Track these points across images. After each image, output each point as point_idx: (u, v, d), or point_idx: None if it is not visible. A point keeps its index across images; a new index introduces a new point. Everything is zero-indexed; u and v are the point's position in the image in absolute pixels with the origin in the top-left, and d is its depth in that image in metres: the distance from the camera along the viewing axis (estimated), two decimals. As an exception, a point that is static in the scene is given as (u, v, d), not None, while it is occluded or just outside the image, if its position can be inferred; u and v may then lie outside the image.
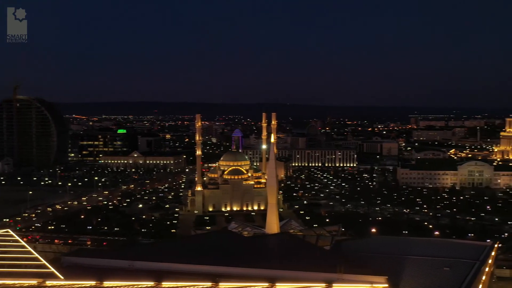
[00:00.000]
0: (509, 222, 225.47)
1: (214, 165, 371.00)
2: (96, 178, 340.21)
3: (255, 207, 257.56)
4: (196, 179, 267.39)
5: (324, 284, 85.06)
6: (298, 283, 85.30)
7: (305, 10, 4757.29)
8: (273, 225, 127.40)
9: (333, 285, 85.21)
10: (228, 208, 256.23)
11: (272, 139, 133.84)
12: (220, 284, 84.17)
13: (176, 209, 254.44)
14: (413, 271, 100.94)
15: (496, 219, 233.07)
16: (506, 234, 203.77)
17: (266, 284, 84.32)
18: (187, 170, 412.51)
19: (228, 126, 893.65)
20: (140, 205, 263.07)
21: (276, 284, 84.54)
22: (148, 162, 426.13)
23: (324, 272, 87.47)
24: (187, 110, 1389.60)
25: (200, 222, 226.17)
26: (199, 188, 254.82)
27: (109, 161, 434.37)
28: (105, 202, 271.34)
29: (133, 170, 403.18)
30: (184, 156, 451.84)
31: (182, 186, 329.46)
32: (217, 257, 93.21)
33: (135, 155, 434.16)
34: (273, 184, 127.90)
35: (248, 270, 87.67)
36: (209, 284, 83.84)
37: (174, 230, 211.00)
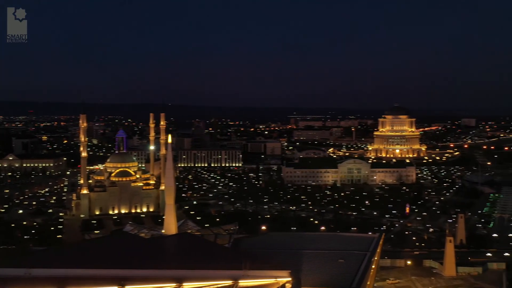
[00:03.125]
0: (386, 216, 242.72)
1: (97, 167, 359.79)
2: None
3: (144, 209, 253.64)
4: (81, 182, 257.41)
5: (231, 281, 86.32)
6: (205, 281, 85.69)
7: (194, 14, 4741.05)
8: (171, 225, 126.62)
9: (239, 281, 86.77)
10: (116, 211, 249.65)
11: (169, 140, 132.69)
12: (126, 287, 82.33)
13: (60, 214, 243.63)
14: (312, 264, 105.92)
15: (375, 213, 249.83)
16: (384, 226, 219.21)
17: (174, 284, 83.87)
18: (68, 173, 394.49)
19: (109, 127, 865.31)
20: (20, 211, 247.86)
21: (184, 284, 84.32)
22: (25, 165, 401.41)
23: (229, 269, 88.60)
24: (64, 110, 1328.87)
25: (87, 226, 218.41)
26: (85, 191, 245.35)
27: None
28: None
29: (9, 174, 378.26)
30: (65, 159, 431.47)
31: (65, 190, 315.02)
32: (120, 260, 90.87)
33: (10, 158, 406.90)
34: (171, 185, 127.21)
35: (154, 271, 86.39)
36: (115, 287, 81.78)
37: (60, 236, 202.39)
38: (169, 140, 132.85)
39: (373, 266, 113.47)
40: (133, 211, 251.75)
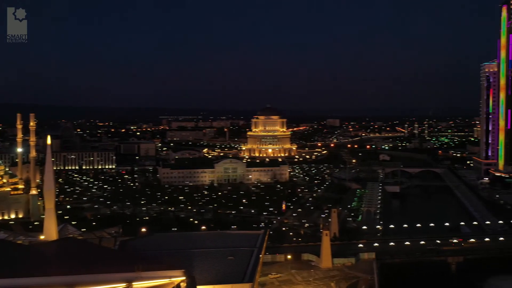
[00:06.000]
0: (264, 213, 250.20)
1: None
2: None
3: (13, 216, 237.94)
4: None
5: (125, 284, 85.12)
6: (98, 285, 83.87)
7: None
8: (51, 231, 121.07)
9: (133, 283, 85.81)
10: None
11: (49, 141, 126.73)
12: (13, 297, 78.13)
13: None
14: (202, 263, 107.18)
15: (253, 211, 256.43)
16: (262, 224, 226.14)
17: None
18: None
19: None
20: None
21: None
22: None
23: (122, 272, 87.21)
24: None
25: None
26: None
27: None
28: None
29: None
30: None
31: None
32: (4, 269, 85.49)
33: None
34: (51, 188, 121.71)
35: (42, 279, 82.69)
36: (1, 298, 77.18)
37: None
38: (48, 141, 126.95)
39: (260, 261, 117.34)
40: (0, 218, 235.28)
